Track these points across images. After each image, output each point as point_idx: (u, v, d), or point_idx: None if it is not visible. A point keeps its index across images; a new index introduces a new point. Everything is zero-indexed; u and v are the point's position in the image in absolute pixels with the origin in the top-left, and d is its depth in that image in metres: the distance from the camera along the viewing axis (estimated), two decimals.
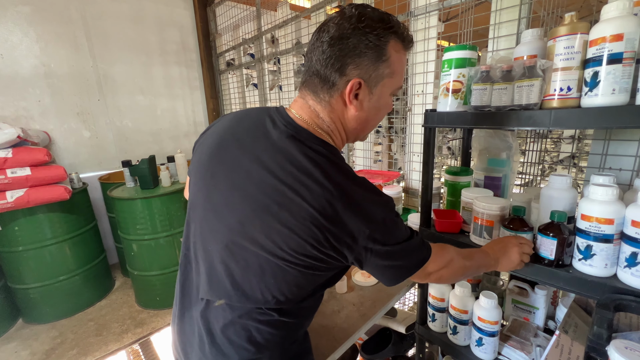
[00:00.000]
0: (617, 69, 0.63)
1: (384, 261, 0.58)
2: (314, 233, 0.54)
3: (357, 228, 0.54)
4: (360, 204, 0.55)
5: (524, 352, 0.92)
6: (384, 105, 0.65)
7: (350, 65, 0.57)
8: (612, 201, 0.67)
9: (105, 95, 2.60)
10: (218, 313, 0.63)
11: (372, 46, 0.56)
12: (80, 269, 2.13)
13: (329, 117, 0.62)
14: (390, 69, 0.59)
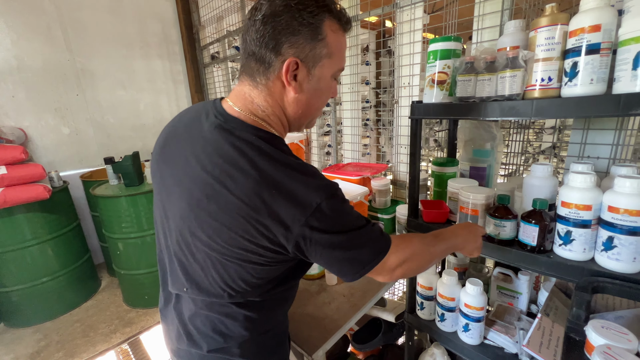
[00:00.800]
0: (595, 59, 0.64)
1: (332, 252, 0.54)
2: (244, 225, 0.52)
3: (290, 215, 0.51)
4: (292, 190, 0.51)
5: (508, 336, 0.95)
6: (325, 88, 0.62)
7: (285, 44, 0.54)
8: (590, 188, 0.69)
9: (85, 89, 2.50)
10: (186, 304, 0.66)
11: (307, 24, 0.54)
12: (64, 270, 2.07)
13: (265, 101, 0.59)
14: (327, 49, 0.57)
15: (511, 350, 0.93)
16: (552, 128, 1.98)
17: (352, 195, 1.25)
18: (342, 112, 1.83)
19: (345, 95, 1.77)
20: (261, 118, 0.60)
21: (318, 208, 0.51)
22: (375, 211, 1.43)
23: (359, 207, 1.29)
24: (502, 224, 0.82)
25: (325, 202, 0.52)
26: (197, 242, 0.58)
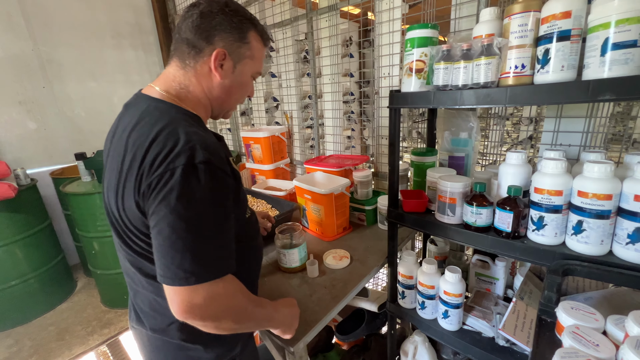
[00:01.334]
0: (565, 45, 0.65)
1: (164, 227, 0.52)
2: (129, 187, 0.56)
3: (141, 170, 0.54)
4: (153, 148, 0.54)
5: (485, 321, 0.97)
6: (245, 84, 0.71)
7: (217, 37, 0.63)
8: (561, 174, 0.71)
9: (52, 81, 2.36)
10: (130, 284, 0.72)
11: (236, 27, 0.64)
12: (35, 272, 1.98)
13: (189, 81, 0.66)
14: (250, 52, 0.68)
15: (488, 334, 0.95)
16: (529, 119, 2.04)
17: (334, 187, 1.24)
18: (324, 104, 1.80)
19: (326, 87, 1.75)
20: (175, 95, 0.65)
21: (184, 166, 0.52)
22: (357, 202, 1.43)
23: (340, 198, 1.29)
24: (478, 211, 0.83)
25: (201, 164, 0.53)
26: (110, 209, 0.63)
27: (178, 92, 0.65)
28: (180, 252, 0.51)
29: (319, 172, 1.49)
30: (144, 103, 0.62)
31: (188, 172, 0.52)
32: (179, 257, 0.51)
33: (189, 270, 0.52)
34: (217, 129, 2.82)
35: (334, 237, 1.32)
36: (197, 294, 0.53)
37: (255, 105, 2.27)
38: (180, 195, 0.51)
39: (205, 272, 0.53)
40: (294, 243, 1.08)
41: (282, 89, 2.04)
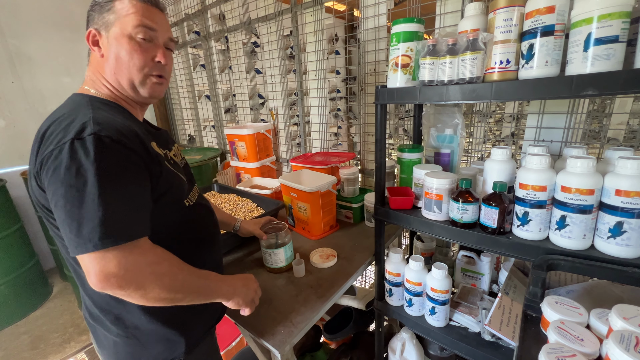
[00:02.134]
0: (549, 41, 0.65)
1: (58, 196, 0.53)
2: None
3: (37, 144, 0.58)
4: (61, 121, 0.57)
5: (471, 316, 0.98)
6: (126, 45, 0.67)
7: (89, 23, 0.68)
8: (545, 169, 0.71)
9: (21, 76, 2.23)
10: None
11: (99, 4, 0.67)
12: (5, 278, 1.87)
13: (89, 71, 0.71)
14: (116, 14, 0.66)
15: (474, 329, 0.96)
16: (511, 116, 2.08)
17: (320, 185, 1.22)
18: (310, 101, 1.78)
19: (312, 83, 1.72)
20: (87, 85, 0.70)
21: (79, 137, 0.53)
22: (344, 200, 1.41)
23: (327, 196, 1.27)
24: (464, 207, 0.83)
25: (90, 136, 0.53)
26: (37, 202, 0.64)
27: (88, 82, 0.70)
28: (77, 219, 0.52)
29: (305, 170, 1.47)
30: (67, 99, 0.68)
31: (76, 144, 0.53)
32: (75, 225, 0.52)
33: (91, 235, 0.51)
34: (200, 126, 2.74)
35: (320, 235, 1.30)
36: (109, 261, 0.53)
37: (240, 102, 2.22)
38: (68, 167, 0.52)
39: (108, 235, 0.52)
40: (279, 242, 1.05)
41: (267, 85, 2.00)
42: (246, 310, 0.77)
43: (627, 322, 0.49)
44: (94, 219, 0.51)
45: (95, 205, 0.52)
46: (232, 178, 1.92)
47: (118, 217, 0.54)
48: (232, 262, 1.17)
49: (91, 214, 0.51)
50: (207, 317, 0.80)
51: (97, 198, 0.52)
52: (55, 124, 0.58)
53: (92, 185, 0.52)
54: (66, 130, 0.55)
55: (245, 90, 2.13)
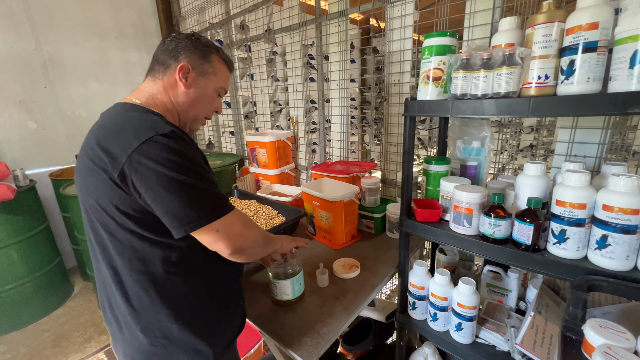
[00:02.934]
0: (592, 57, 0.64)
1: (162, 187, 0.59)
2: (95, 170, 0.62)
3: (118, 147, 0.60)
4: (125, 130, 0.61)
5: (499, 334, 0.95)
6: (210, 96, 0.80)
7: (182, 55, 0.75)
8: (584, 187, 0.70)
9: (53, 81, 2.33)
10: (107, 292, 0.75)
11: (200, 49, 0.77)
12: (31, 276, 1.93)
13: (157, 90, 0.75)
14: (213, 69, 0.79)
15: (503, 348, 0.93)
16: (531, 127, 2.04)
17: (343, 194, 1.22)
18: (331, 110, 1.79)
19: (334, 92, 1.74)
20: (144, 102, 0.73)
21: (151, 139, 0.59)
22: (365, 210, 1.41)
23: (349, 205, 1.27)
24: (497, 222, 0.81)
25: (160, 137, 0.60)
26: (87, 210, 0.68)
27: (147, 100, 0.74)
28: (193, 198, 0.60)
29: (327, 179, 1.47)
30: (113, 108, 0.72)
31: (160, 140, 0.59)
32: (194, 205, 0.60)
33: (213, 206, 0.63)
34: (219, 132, 2.79)
35: (342, 245, 1.30)
36: (231, 223, 0.65)
37: (260, 110, 2.26)
38: (164, 162, 0.58)
39: (222, 204, 0.65)
40: (288, 272, 0.93)
41: (288, 93, 2.03)
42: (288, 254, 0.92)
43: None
44: (212, 197, 0.63)
45: (202, 188, 0.62)
46: (252, 184, 1.94)
47: (220, 194, 0.66)
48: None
49: (204, 194, 0.62)
50: (231, 328, 0.81)
51: (201, 182, 0.62)
52: (125, 129, 0.62)
53: (188, 172, 0.60)
54: (140, 131, 0.60)
55: (265, 98, 2.17)
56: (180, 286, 0.68)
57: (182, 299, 0.69)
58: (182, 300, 0.69)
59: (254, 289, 1.05)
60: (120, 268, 0.66)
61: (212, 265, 0.74)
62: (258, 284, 1.09)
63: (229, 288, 0.79)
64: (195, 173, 0.62)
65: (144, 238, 0.64)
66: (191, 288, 0.70)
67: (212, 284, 0.74)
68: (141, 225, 0.63)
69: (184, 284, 0.69)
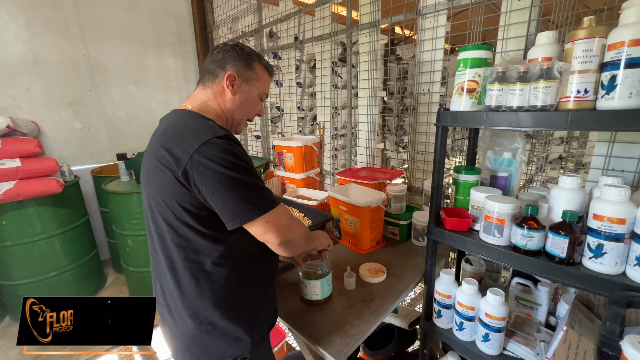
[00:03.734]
0: (635, 73, 0.64)
1: (219, 184, 0.65)
2: (161, 169, 0.69)
3: (181, 149, 0.67)
4: (186, 134, 0.68)
5: (528, 347, 0.94)
6: (253, 100, 0.88)
7: (229, 64, 0.82)
8: (624, 201, 0.69)
9: (98, 85, 2.51)
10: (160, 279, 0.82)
11: (244, 57, 0.84)
12: (72, 265, 2.07)
13: (208, 97, 0.83)
14: (256, 75, 0.86)
15: None
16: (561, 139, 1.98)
17: (371, 200, 1.25)
18: (359, 117, 1.83)
19: (362, 100, 1.78)
20: (197, 108, 0.81)
21: (209, 141, 0.66)
22: (391, 216, 1.43)
23: (376, 211, 1.29)
24: (529, 234, 0.82)
25: (216, 139, 0.67)
26: (147, 202, 0.77)
27: (200, 106, 0.82)
28: (247, 194, 0.67)
29: (353, 184, 1.51)
30: (174, 113, 0.80)
31: (218, 142, 0.66)
32: (247, 199, 0.67)
33: (264, 201, 0.69)
34: (246, 136, 2.90)
35: (367, 250, 1.32)
36: (279, 216, 0.72)
37: (287, 115, 2.33)
38: (221, 162, 0.65)
39: (272, 199, 0.72)
40: (318, 273, 0.97)
41: (315, 100, 2.09)
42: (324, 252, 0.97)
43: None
44: (262, 193, 0.70)
45: (252, 184, 0.69)
46: (278, 187, 2.00)
47: (268, 189, 0.73)
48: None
49: (257, 189, 0.69)
50: (266, 321, 0.85)
51: (252, 181, 0.68)
52: (187, 132, 0.69)
53: (243, 170, 0.67)
54: (199, 135, 0.67)
55: (293, 104, 2.24)
56: (225, 278, 0.74)
57: (226, 290, 0.75)
58: (226, 292, 0.75)
59: (283, 288, 1.10)
60: (175, 257, 0.73)
61: (254, 263, 0.80)
62: (287, 283, 1.13)
63: (266, 284, 0.84)
64: (247, 171, 0.68)
65: (197, 231, 0.70)
66: (234, 281, 0.76)
67: (253, 279, 0.80)
68: (197, 219, 0.70)
69: (228, 277, 0.74)
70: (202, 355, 0.76)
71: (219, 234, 0.72)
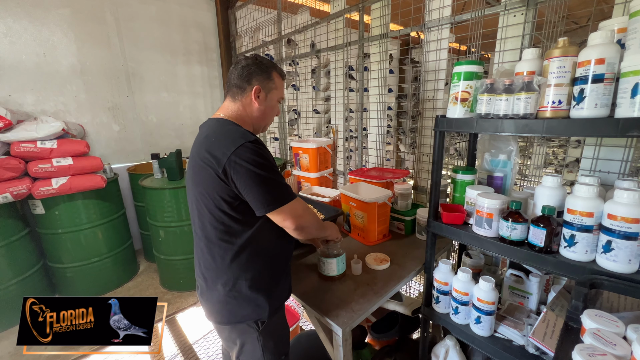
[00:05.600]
0: (599, 87, 0.75)
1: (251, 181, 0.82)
2: (205, 169, 0.86)
3: (221, 152, 0.83)
4: (225, 139, 0.85)
5: (517, 330, 1.05)
6: (274, 107, 1.04)
7: (253, 79, 0.97)
8: (592, 197, 0.80)
9: (134, 91, 2.78)
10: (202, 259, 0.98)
11: (264, 71, 0.98)
12: (111, 253, 2.32)
13: (238, 109, 0.98)
14: (275, 84, 1.01)
15: (519, 342, 1.03)
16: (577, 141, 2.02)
17: (377, 197, 1.39)
18: (369, 121, 1.96)
19: (372, 105, 1.91)
20: (231, 117, 0.97)
21: (243, 145, 0.83)
22: (397, 213, 1.55)
23: (382, 207, 1.42)
24: (513, 226, 0.93)
25: (248, 143, 0.83)
26: (192, 195, 0.93)
27: (232, 115, 0.98)
28: (271, 191, 0.85)
29: (363, 183, 1.64)
30: (211, 122, 0.96)
31: (250, 146, 0.83)
32: (273, 193, 0.85)
33: (284, 195, 0.88)
34: (265, 138, 3.09)
35: (374, 242, 1.45)
36: (295, 207, 0.90)
37: (304, 118, 2.49)
38: (251, 162, 0.82)
39: (290, 193, 0.90)
40: (334, 253, 1.17)
41: (329, 104, 2.24)
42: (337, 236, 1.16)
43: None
44: (283, 188, 0.88)
45: (276, 181, 0.86)
46: (294, 185, 2.16)
47: (287, 185, 0.90)
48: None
49: (281, 185, 0.87)
50: (282, 292, 1.01)
51: (277, 178, 0.86)
52: (226, 137, 0.86)
53: (271, 171, 0.84)
54: (236, 139, 0.84)
55: (309, 108, 2.40)
56: (250, 254, 0.91)
57: (250, 264, 0.92)
58: (250, 266, 0.92)
59: (299, 272, 1.25)
60: (212, 237, 0.90)
61: (273, 244, 0.96)
62: (302, 267, 1.29)
63: (282, 262, 1.00)
64: (271, 169, 0.85)
65: (231, 217, 0.87)
66: (257, 257, 0.93)
67: (272, 257, 0.96)
68: (231, 207, 0.87)
69: (252, 254, 0.92)
70: (231, 317, 0.93)
71: (249, 219, 0.89)
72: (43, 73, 2.31)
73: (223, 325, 0.97)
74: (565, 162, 2.33)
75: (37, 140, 1.91)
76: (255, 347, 0.96)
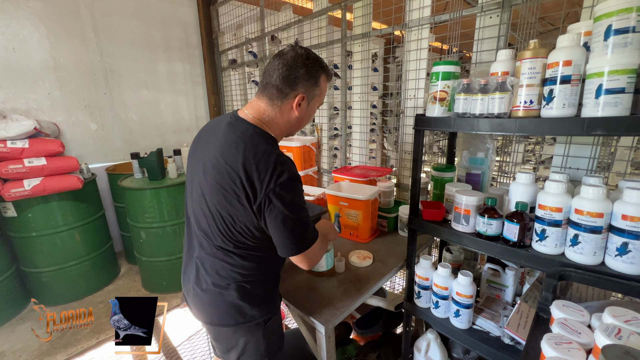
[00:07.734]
0: (566, 88, 0.78)
1: (280, 221, 0.78)
2: (230, 185, 0.79)
3: (260, 183, 0.77)
4: (266, 167, 0.77)
5: (493, 322, 1.09)
6: (312, 114, 0.96)
7: (299, 85, 0.85)
8: (561, 194, 0.83)
9: (112, 89, 2.69)
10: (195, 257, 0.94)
11: (313, 76, 0.86)
12: (89, 255, 2.25)
13: (275, 115, 0.87)
14: (319, 91, 0.90)
15: (495, 333, 1.07)
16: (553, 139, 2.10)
17: (372, 194, 1.40)
18: (352, 119, 1.98)
19: (355, 104, 1.92)
20: (264, 123, 0.87)
21: (284, 182, 0.77)
22: (381, 210, 1.57)
23: (374, 204, 1.44)
24: (489, 222, 0.96)
25: (288, 180, 0.78)
26: (206, 200, 0.85)
27: (266, 121, 0.87)
28: (297, 235, 0.82)
29: (346, 182, 1.66)
30: (240, 124, 0.85)
31: (288, 184, 0.78)
32: (297, 238, 0.82)
33: (307, 241, 0.85)
34: None
35: (369, 239, 1.47)
36: (314, 251, 0.88)
37: None
38: (283, 203, 0.78)
39: (313, 239, 0.87)
40: None
41: None
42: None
43: (615, 319, 0.61)
44: (309, 233, 0.85)
45: (306, 225, 0.83)
46: None
47: (312, 225, 0.87)
48: None
49: (306, 231, 0.84)
50: (276, 300, 1.00)
51: (304, 221, 0.83)
52: (263, 163, 0.78)
53: (301, 213, 0.81)
54: (277, 172, 0.77)
55: None
56: (258, 262, 0.91)
57: (260, 269, 0.92)
58: (261, 270, 0.92)
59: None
60: (231, 249, 0.87)
61: (272, 261, 0.95)
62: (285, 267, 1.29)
63: (276, 275, 1.00)
64: (303, 210, 0.83)
65: (250, 238, 0.86)
66: (264, 264, 0.93)
67: (269, 271, 0.95)
68: (252, 235, 0.85)
69: (260, 261, 0.91)
70: (239, 318, 0.90)
71: (263, 242, 0.87)
72: (13, 69, 2.20)
73: (228, 327, 0.92)
74: (541, 158, 2.43)
75: (7, 139, 1.82)
76: (259, 342, 0.94)
